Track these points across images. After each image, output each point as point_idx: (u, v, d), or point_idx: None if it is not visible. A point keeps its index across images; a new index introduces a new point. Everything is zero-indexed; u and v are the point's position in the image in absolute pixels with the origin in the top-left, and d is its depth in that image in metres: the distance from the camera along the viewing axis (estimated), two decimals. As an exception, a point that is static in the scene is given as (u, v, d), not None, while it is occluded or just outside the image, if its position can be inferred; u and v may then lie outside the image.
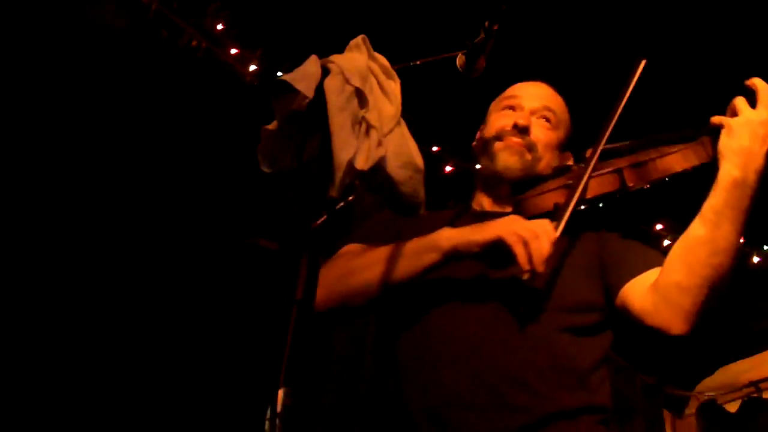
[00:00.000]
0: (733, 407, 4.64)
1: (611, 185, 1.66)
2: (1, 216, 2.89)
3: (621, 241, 1.72)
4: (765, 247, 4.63)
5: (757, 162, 1.51)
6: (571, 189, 1.63)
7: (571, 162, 1.86)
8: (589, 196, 1.65)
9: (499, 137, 1.82)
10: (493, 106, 1.94)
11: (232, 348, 3.25)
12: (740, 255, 1.56)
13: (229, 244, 3.38)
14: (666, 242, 4.48)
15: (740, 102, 1.56)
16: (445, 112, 3.62)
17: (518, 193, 1.74)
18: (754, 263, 4.61)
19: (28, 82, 3.00)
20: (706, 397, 4.75)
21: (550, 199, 1.68)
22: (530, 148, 1.80)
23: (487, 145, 1.84)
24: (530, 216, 1.63)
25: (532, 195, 1.71)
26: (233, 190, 3.41)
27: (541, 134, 1.82)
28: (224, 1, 3.44)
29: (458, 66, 1.55)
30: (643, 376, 4.49)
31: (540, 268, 1.49)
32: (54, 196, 3.03)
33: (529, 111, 1.84)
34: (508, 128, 1.82)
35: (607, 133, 1.67)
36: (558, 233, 1.54)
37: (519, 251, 1.49)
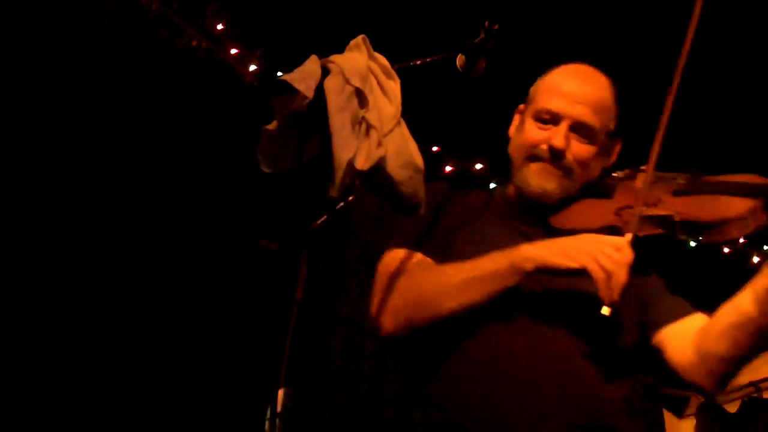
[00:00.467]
0: (733, 407, 4.63)
1: (660, 227, 1.60)
2: (1, 216, 2.88)
3: (658, 280, 1.72)
4: (765, 247, 4.63)
5: None
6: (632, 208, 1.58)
7: (618, 148, 1.81)
8: (640, 234, 1.58)
9: (533, 158, 1.74)
10: (534, 102, 1.79)
11: (232, 348, 3.25)
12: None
13: (229, 244, 3.38)
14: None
15: None
16: (445, 112, 3.62)
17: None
18: (754, 263, 4.61)
19: (28, 82, 3.00)
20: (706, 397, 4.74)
21: (591, 215, 1.65)
22: (568, 173, 1.71)
23: (521, 162, 1.76)
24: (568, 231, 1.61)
25: (572, 214, 1.68)
26: (233, 190, 3.41)
27: (579, 152, 1.71)
28: (224, 1, 3.44)
29: (458, 66, 1.55)
30: (643, 376, 4.49)
31: (617, 299, 1.47)
32: (54, 196, 3.03)
33: (566, 126, 1.71)
34: (544, 149, 1.72)
35: (657, 147, 1.60)
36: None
37: (602, 286, 1.47)
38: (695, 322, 1.63)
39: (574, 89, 1.75)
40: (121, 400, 3.04)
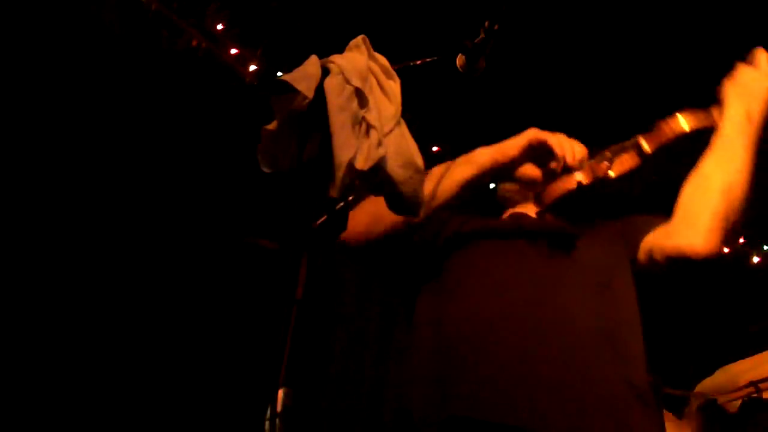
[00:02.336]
0: (733, 407, 4.63)
1: (633, 159, 1.72)
2: (1, 216, 2.88)
3: (638, 216, 1.79)
4: (765, 247, 4.63)
5: (761, 104, 1.66)
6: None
7: None
8: (615, 175, 1.70)
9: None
10: None
11: (232, 348, 3.25)
12: (753, 177, 1.63)
13: (229, 244, 3.38)
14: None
15: (740, 66, 1.71)
16: (445, 112, 3.62)
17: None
18: (754, 263, 4.62)
19: (28, 82, 3.00)
20: (706, 397, 4.74)
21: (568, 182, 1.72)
22: None
23: None
24: (554, 198, 1.68)
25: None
26: (233, 190, 3.41)
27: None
28: (224, 1, 3.44)
29: (458, 66, 1.55)
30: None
31: (577, 159, 1.58)
32: (54, 196, 3.03)
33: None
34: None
35: None
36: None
37: (554, 142, 1.59)
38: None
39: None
40: (122, 400, 3.04)
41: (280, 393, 1.07)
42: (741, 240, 4.64)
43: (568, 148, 1.61)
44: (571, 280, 1.61)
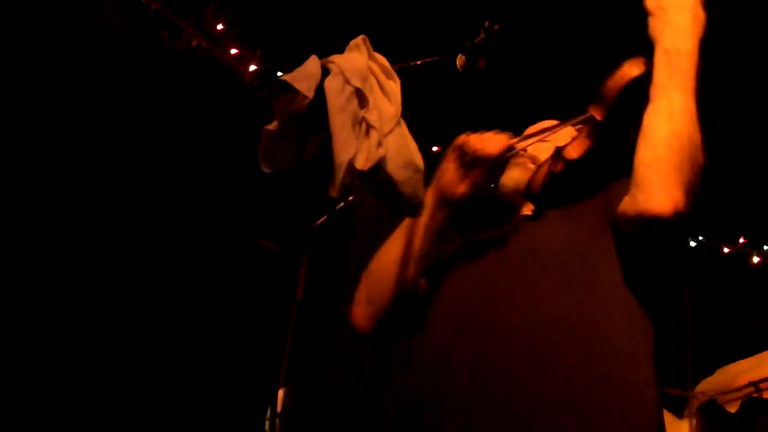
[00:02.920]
0: (733, 407, 4.64)
1: (591, 136, 1.69)
2: (1, 216, 2.88)
3: (622, 180, 1.64)
4: (765, 247, 4.63)
5: (686, 29, 1.51)
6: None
7: None
8: (578, 156, 1.68)
9: None
10: None
11: (232, 348, 3.25)
12: (701, 123, 1.47)
13: (229, 244, 3.38)
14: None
15: None
16: (445, 112, 3.62)
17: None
18: (754, 263, 4.62)
19: (27, 82, 2.99)
20: (706, 397, 4.75)
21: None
22: (532, 159, 1.81)
23: None
24: (537, 189, 1.70)
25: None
26: (233, 190, 3.41)
27: (538, 147, 1.83)
28: (224, 1, 3.44)
29: (458, 66, 1.55)
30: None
31: (495, 149, 1.58)
32: (53, 197, 3.03)
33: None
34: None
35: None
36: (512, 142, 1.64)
37: (465, 142, 1.61)
38: None
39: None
40: (121, 400, 3.03)
41: (280, 393, 1.07)
42: (741, 240, 4.64)
43: (477, 143, 1.60)
44: (530, 278, 1.54)
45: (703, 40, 1.51)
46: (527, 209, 1.80)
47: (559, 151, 1.69)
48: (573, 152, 1.69)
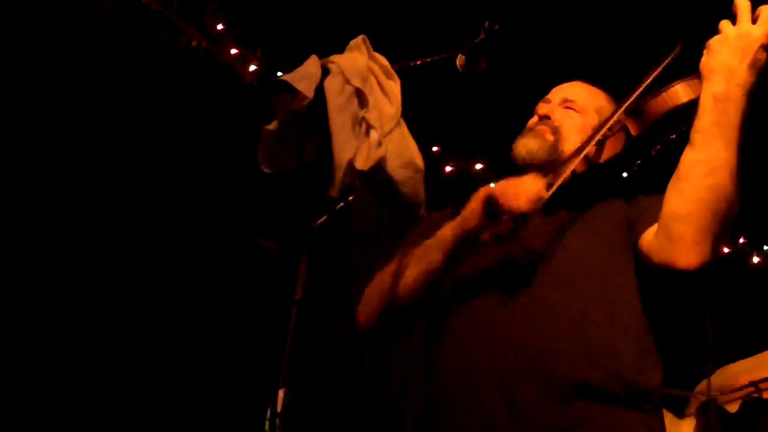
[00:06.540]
0: (733, 407, 4.63)
1: (620, 143, 1.68)
2: (1, 216, 2.88)
3: (648, 198, 1.62)
4: (765, 247, 4.63)
5: (739, 75, 1.40)
6: (578, 152, 1.63)
7: (623, 139, 1.80)
8: (602, 160, 1.66)
9: (525, 131, 1.81)
10: None
11: (232, 348, 3.25)
12: (741, 177, 1.41)
13: (229, 244, 3.38)
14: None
15: (723, 24, 1.47)
16: (445, 112, 3.62)
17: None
18: (754, 263, 4.61)
19: (26, 82, 3.00)
20: (706, 397, 4.74)
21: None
22: (554, 130, 1.75)
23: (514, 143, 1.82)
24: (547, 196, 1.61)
25: (553, 173, 1.66)
26: (233, 190, 3.41)
27: (564, 117, 1.78)
28: (224, 1, 3.44)
29: (458, 66, 1.55)
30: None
31: (529, 205, 1.47)
32: (53, 196, 3.03)
33: (551, 104, 1.82)
34: (534, 120, 1.82)
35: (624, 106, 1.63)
36: (547, 184, 1.54)
37: (500, 197, 1.50)
38: None
39: (558, 88, 1.88)
40: (121, 400, 3.04)
41: (280, 393, 1.07)
42: (741, 240, 4.64)
43: (511, 199, 1.50)
44: (552, 294, 1.54)
45: (756, 84, 1.43)
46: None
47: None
48: (598, 156, 1.67)
